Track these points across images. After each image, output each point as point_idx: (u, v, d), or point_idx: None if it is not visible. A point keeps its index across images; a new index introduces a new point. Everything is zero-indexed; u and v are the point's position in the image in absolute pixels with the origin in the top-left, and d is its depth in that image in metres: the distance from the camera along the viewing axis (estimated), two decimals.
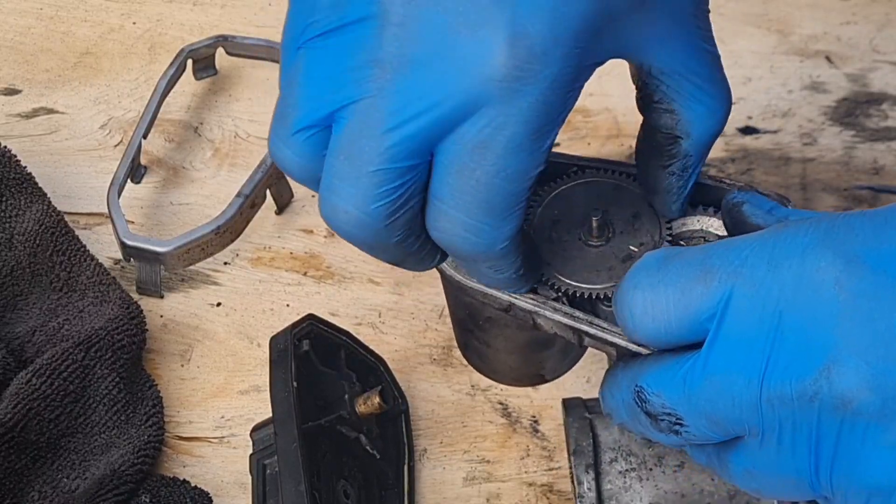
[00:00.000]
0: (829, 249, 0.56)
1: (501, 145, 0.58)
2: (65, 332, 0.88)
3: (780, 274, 0.57)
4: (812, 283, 0.56)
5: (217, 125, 1.03)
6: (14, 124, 1.03)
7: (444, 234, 0.61)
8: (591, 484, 0.72)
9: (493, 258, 0.62)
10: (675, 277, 0.59)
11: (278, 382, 0.77)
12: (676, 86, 0.63)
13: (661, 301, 0.59)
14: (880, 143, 0.99)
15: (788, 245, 0.57)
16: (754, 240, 0.59)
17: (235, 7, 1.10)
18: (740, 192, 0.66)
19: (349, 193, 0.59)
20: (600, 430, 0.73)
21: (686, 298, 0.59)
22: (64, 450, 0.83)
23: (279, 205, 0.97)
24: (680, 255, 0.60)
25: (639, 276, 0.61)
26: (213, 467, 0.86)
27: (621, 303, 0.61)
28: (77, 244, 0.93)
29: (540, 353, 0.77)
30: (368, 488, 0.81)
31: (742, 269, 0.57)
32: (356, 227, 0.60)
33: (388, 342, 0.91)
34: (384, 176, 0.59)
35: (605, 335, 0.67)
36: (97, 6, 1.10)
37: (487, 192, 0.59)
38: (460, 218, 0.60)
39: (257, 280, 0.95)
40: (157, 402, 0.87)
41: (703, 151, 0.66)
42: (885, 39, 1.05)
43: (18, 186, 0.95)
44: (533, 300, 0.68)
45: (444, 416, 0.88)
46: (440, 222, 0.60)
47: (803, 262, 0.56)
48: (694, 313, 0.59)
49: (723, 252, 0.59)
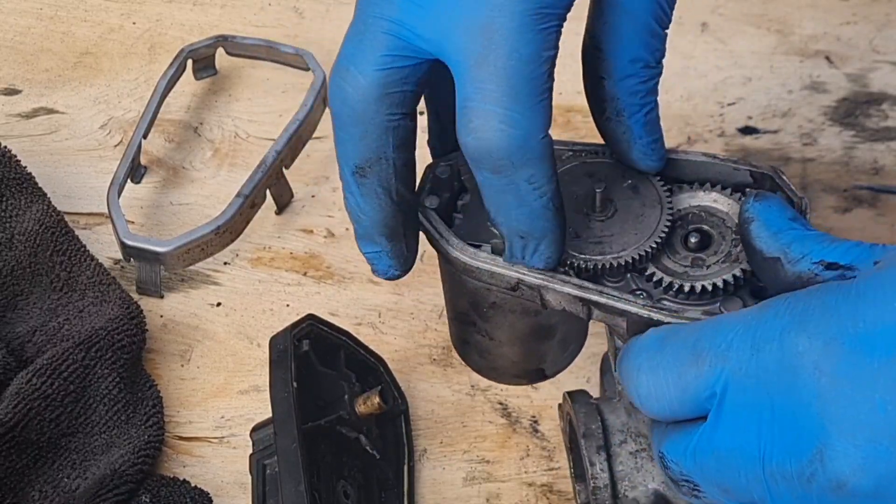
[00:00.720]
0: (804, 333, 0.57)
1: (505, 26, 0.62)
2: (65, 332, 0.88)
3: (763, 358, 0.58)
4: (792, 368, 0.57)
5: (217, 125, 1.03)
6: (14, 124, 1.03)
7: (480, 134, 0.63)
8: (604, 465, 0.72)
9: (529, 159, 0.64)
10: (670, 360, 0.61)
11: (278, 382, 0.77)
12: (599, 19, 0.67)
13: (661, 384, 0.61)
14: (880, 143, 0.99)
15: (768, 329, 0.58)
16: (738, 321, 0.60)
17: (235, 7, 1.10)
18: (755, 203, 0.66)
19: (354, 54, 0.65)
20: (607, 413, 0.73)
21: (683, 381, 0.61)
22: (64, 449, 0.84)
23: (279, 205, 0.97)
24: (675, 335, 0.62)
25: (640, 357, 0.63)
26: (213, 467, 0.86)
27: (627, 382, 0.63)
28: (77, 244, 0.93)
29: (541, 344, 0.78)
30: (368, 488, 0.81)
31: (728, 353, 0.59)
32: (353, 87, 0.65)
33: (388, 342, 0.91)
34: (385, 42, 0.64)
35: (615, 303, 0.68)
36: (97, 6, 1.10)
37: (508, 77, 0.62)
38: (490, 109, 0.63)
39: (257, 280, 0.95)
40: (157, 402, 0.87)
41: (627, 80, 0.68)
42: (885, 39, 1.05)
43: (18, 186, 0.95)
44: (541, 275, 0.69)
45: (444, 416, 0.88)
46: (473, 122, 0.63)
47: (782, 347, 0.57)
48: (692, 395, 0.60)
49: (710, 335, 0.60)
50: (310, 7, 1.10)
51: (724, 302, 0.68)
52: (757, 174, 0.71)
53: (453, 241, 0.71)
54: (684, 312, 0.67)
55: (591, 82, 0.69)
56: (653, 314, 0.67)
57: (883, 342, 0.55)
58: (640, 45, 0.67)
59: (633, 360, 0.63)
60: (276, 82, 1.05)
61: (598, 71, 0.68)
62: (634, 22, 0.67)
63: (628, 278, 0.70)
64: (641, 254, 0.69)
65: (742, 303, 0.68)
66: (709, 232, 0.70)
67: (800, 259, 0.62)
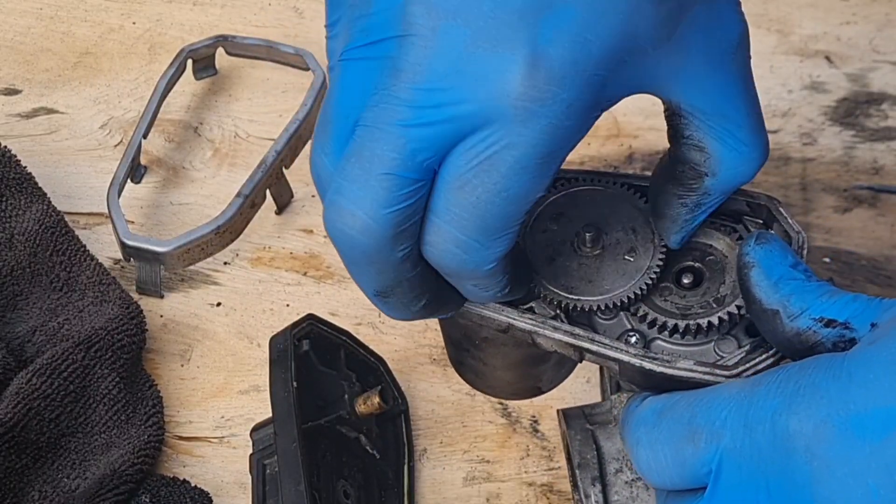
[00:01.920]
0: (795, 415, 0.56)
1: (507, 165, 0.57)
2: (65, 332, 0.88)
3: (756, 438, 0.57)
4: (785, 450, 0.56)
5: (217, 125, 1.03)
6: (14, 124, 1.03)
7: (434, 249, 0.60)
8: (599, 497, 0.71)
9: (479, 277, 0.62)
10: (667, 436, 0.61)
11: (278, 382, 0.77)
12: (708, 126, 0.63)
13: (660, 459, 0.61)
14: (880, 142, 0.99)
15: (759, 409, 0.58)
16: (731, 398, 0.59)
17: (235, 7, 1.10)
18: (755, 247, 0.64)
19: (358, 196, 0.59)
20: (603, 440, 0.72)
21: (680, 457, 0.60)
22: (64, 449, 0.84)
23: (279, 205, 0.97)
24: (671, 410, 0.62)
25: (638, 431, 0.63)
26: (213, 467, 0.86)
27: (631, 455, 0.63)
28: (77, 244, 0.93)
29: (536, 367, 0.77)
30: (368, 488, 0.81)
31: (723, 431, 0.59)
32: (361, 233, 0.59)
33: (388, 342, 0.91)
34: (395, 181, 0.58)
35: (606, 351, 0.67)
36: (97, 6, 1.10)
37: (485, 211, 0.58)
38: (452, 233, 0.59)
39: (257, 280, 0.95)
40: (157, 402, 0.87)
41: (726, 193, 0.65)
42: (885, 39, 1.05)
43: (18, 186, 0.95)
44: (531, 320, 0.68)
45: (444, 416, 0.88)
46: (431, 236, 0.60)
47: (774, 428, 0.57)
48: (689, 471, 0.60)
49: (705, 411, 0.60)
50: (310, 7, 1.10)
51: (717, 343, 0.67)
52: (753, 204, 0.70)
53: None
54: (676, 362, 0.65)
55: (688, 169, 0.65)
56: (644, 363, 0.66)
57: (873, 425, 0.54)
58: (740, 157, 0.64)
59: (632, 432, 0.63)
60: (276, 82, 1.05)
61: (702, 167, 0.64)
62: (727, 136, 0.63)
63: (621, 316, 0.69)
64: (631, 296, 0.67)
65: (737, 343, 0.67)
66: (702, 270, 0.69)
67: (799, 315, 0.61)
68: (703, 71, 0.61)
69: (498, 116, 0.57)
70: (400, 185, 0.58)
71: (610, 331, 0.69)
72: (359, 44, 0.59)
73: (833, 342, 0.61)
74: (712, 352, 0.67)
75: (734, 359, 0.66)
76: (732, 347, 0.67)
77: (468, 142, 0.57)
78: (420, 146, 0.58)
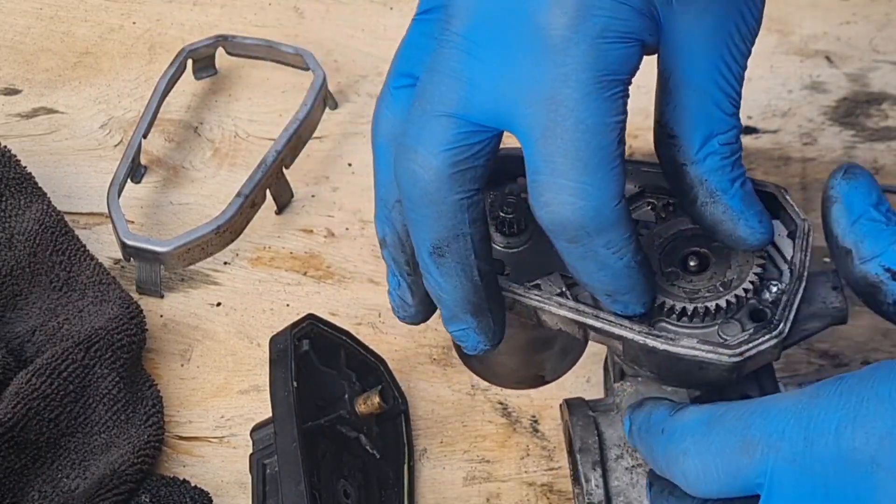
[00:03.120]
0: (861, 428, 0.57)
1: (571, 96, 0.60)
2: (65, 332, 0.88)
3: (818, 451, 0.58)
4: (850, 463, 0.57)
5: (217, 125, 1.03)
6: (14, 124, 1.03)
7: (553, 207, 0.62)
8: (599, 481, 0.71)
9: (605, 227, 0.63)
10: (719, 446, 0.61)
11: (278, 382, 0.77)
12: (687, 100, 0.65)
13: (710, 469, 0.61)
14: (880, 142, 0.99)
15: (822, 422, 0.58)
16: (789, 409, 0.60)
17: (235, 7, 1.10)
18: (841, 180, 0.65)
19: (420, 135, 0.63)
20: (604, 426, 0.73)
21: (733, 468, 0.60)
22: (64, 449, 0.83)
23: (279, 205, 0.97)
24: (721, 420, 0.62)
25: (685, 441, 0.62)
26: (213, 467, 0.86)
27: (673, 462, 0.63)
28: (77, 244, 0.93)
29: (541, 353, 0.77)
30: (368, 488, 0.81)
31: (781, 444, 0.59)
32: (422, 168, 0.63)
33: (388, 342, 0.91)
34: (454, 121, 0.63)
35: (610, 328, 0.67)
36: (97, 6, 1.10)
37: (576, 150, 0.61)
38: (560, 183, 0.61)
39: (257, 280, 0.95)
40: (157, 402, 0.87)
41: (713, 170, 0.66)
42: (885, 39, 1.05)
43: (18, 186, 0.95)
44: (538, 296, 0.68)
45: (444, 415, 0.88)
46: (544, 196, 0.62)
47: (839, 442, 0.57)
48: (742, 481, 0.60)
49: (761, 423, 0.60)
50: (310, 7, 1.10)
51: (721, 326, 0.68)
52: (761, 192, 0.70)
53: None
54: (679, 340, 0.66)
55: (673, 171, 0.67)
56: (648, 340, 0.66)
57: None
58: (714, 120, 0.65)
59: (678, 443, 0.63)
60: (276, 82, 1.05)
61: (676, 158, 0.66)
62: (703, 98, 0.65)
63: None
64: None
65: (740, 327, 0.68)
66: (707, 255, 0.70)
67: (870, 259, 0.63)
68: (709, 45, 0.65)
69: (545, 52, 0.61)
70: (458, 125, 0.63)
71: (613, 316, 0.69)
72: (422, 9, 0.66)
73: (895, 298, 0.62)
74: (716, 335, 0.68)
75: (738, 340, 0.67)
76: (736, 331, 0.67)
77: (529, 88, 0.61)
78: (475, 89, 0.62)
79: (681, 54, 0.64)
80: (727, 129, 0.66)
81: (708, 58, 0.65)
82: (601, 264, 0.64)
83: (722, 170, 0.66)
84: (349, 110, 1.03)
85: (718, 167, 0.66)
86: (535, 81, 0.61)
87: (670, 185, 0.68)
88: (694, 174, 0.66)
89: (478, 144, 0.63)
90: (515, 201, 0.71)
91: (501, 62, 0.62)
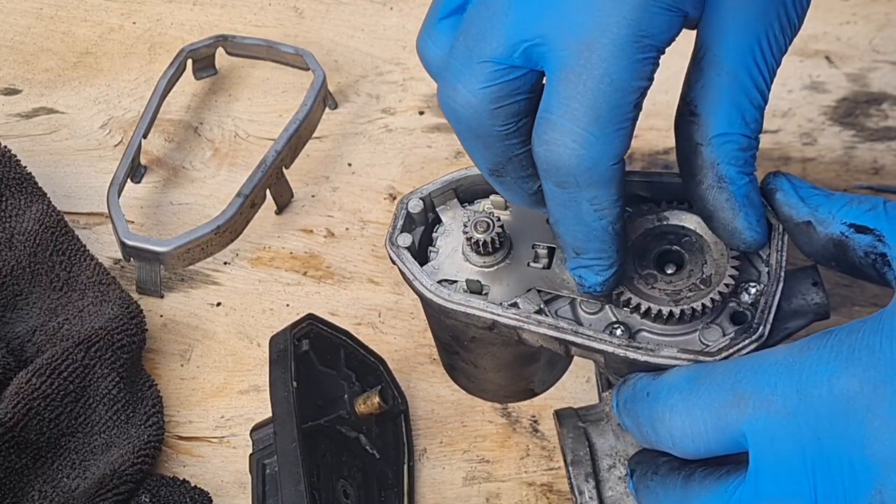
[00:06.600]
0: (854, 377, 0.57)
1: (606, 47, 0.61)
2: (65, 332, 0.88)
3: (812, 402, 0.58)
4: (844, 412, 0.57)
5: (217, 125, 1.03)
6: (14, 124, 1.03)
7: (552, 146, 0.63)
8: (593, 493, 0.71)
9: (596, 182, 0.63)
10: (708, 401, 0.61)
11: (278, 382, 0.77)
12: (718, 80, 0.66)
13: (698, 424, 0.62)
14: (880, 142, 0.99)
15: (815, 374, 0.59)
16: (780, 363, 0.60)
17: (235, 7, 1.10)
18: (774, 178, 0.67)
19: (462, 73, 0.64)
20: (595, 437, 0.72)
21: (722, 422, 0.61)
22: (64, 449, 0.84)
23: (279, 205, 0.97)
24: (709, 376, 0.62)
25: (672, 397, 0.63)
26: (213, 467, 0.86)
27: (658, 422, 0.63)
28: (77, 244, 0.93)
29: (527, 367, 0.77)
30: (368, 488, 0.81)
31: (773, 398, 0.59)
32: (464, 107, 0.64)
33: (388, 342, 0.91)
34: (491, 63, 0.63)
35: (590, 343, 0.67)
36: (97, 6, 1.10)
37: (594, 99, 0.62)
38: (567, 126, 0.62)
39: (257, 280, 0.95)
40: (157, 402, 0.87)
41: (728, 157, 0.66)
42: (885, 39, 1.04)
43: (18, 186, 0.95)
44: (516, 315, 0.69)
45: (444, 415, 0.88)
46: (548, 134, 0.63)
47: (832, 392, 0.58)
48: (731, 435, 0.61)
49: (751, 377, 0.61)
50: (310, 7, 1.10)
51: (702, 332, 0.68)
52: None
53: (426, 282, 0.70)
54: (660, 350, 0.66)
55: (687, 150, 0.67)
56: (628, 353, 0.66)
57: None
58: (738, 106, 0.66)
59: (665, 400, 0.63)
60: (276, 82, 1.05)
61: (694, 137, 0.66)
62: (732, 81, 0.65)
63: (606, 309, 0.70)
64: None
65: (721, 331, 0.68)
66: (680, 252, 0.70)
67: (830, 220, 0.64)
68: (749, 30, 0.65)
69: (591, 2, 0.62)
70: (497, 63, 0.64)
71: (595, 324, 0.69)
72: None
73: (865, 251, 0.63)
74: (697, 341, 0.68)
75: (718, 346, 0.66)
76: (717, 336, 0.67)
77: (569, 28, 0.62)
78: (519, 25, 0.63)
79: (719, 33, 0.65)
80: (750, 120, 0.66)
81: (745, 41, 0.65)
82: (580, 218, 0.65)
83: (735, 160, 0.66)
84: (349, 110, 1.03)
85: (732, 156, 0.66)
86: (576, 25, 0.62)
87: (680, 165, 0.68)
88: (707, 155, 0.66)
89: (516, 81, 0.64)
90: (488, 221, 0.71)
91: (550, 2, 0.63)
